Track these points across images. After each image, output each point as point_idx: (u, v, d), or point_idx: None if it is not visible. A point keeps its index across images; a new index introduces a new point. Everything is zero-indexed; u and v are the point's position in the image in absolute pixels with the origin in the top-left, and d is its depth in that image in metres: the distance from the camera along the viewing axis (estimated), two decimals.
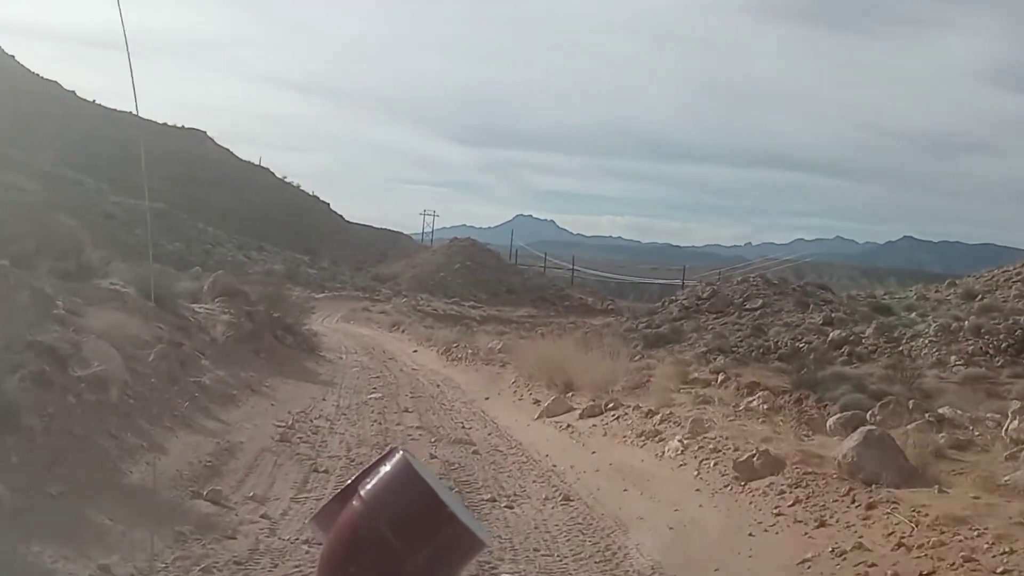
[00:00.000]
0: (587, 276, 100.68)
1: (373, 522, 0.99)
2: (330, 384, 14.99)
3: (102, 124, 74.28)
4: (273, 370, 14.54)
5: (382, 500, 1.01)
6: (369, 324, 40.33)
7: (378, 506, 1.00)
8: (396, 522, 0.99)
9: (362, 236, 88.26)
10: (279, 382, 13.72)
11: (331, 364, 19.43)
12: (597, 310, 73.93)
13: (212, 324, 14.37)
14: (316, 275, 60.87)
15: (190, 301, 16.22)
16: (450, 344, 24.49)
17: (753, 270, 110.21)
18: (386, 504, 1.00)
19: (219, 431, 8.65)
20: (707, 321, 45.72)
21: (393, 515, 0.99)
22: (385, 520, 0.99)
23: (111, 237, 54.40)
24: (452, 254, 75.75)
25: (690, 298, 47.90)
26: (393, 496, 1.01)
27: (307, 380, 14.93)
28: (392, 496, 1.01)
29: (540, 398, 13.36)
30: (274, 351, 16.52)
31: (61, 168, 58.09)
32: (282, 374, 14.57)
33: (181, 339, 12.24)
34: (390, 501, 1.00)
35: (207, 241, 60.63)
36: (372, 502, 1.01)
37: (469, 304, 64.03)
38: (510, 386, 15.29)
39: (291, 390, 13.31)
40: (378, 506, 1.00)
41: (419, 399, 13.90)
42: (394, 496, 1.01)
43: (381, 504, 1.00)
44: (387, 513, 1.00)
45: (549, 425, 10.87)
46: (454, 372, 18.80)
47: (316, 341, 25.83)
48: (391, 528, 0.98)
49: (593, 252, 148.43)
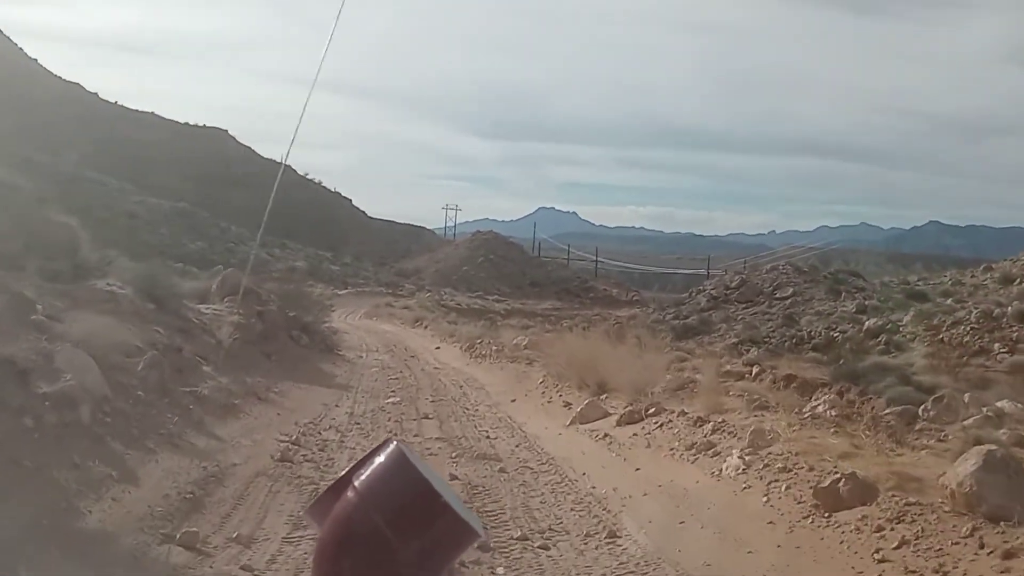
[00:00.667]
0: (611, 267, 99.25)
1: (367, 513, 0.97)
2: (345, 388, 13.86)
3: (124, 125, 73.87)
4: (285, 374, 13.43)
5: (376, 491, 0.98)
6: (392, 320, 39.30)
7: (372, 497, 0.97)
8: (390, 513, 0.96)
9: (385, 231, 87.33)
10: (290, 387, 12.61)
11: (349, 364, 18.34)
12: (622, 301, 72.54)
13: (218, 326, 13.28)
14: (339, 271, 59.99)
15: (197, 301, 15.16)
16: (474, 340, 23.35)
17: (777, 258, 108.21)
18: (380, 495, 0.97)
19: (211, 451, 7.51)
20: (736, 311, 44.20)
21: (387, 506, 0.97)
22: (379, 511, 0.96)
23: (134, 237, 53.98)
24: (475, 248, 74.61)
25: (718, 288, 46.38)
26: (387, 487, 0.98)
27: (321, 384, 13.82)
28: (386, 487, 0.98)
29: (571, 400, 12.15)
30: (287, 353, 15.43)
31: (83, 168, 57.54)
32: (294, 378, 13.46)
33: (181, 343, 11.14)
34: (384, 492, 0.98)
35: (230, 239, 59.90)
36: (366, 493, 0.98)
37: (493, 298, 62.89)
38: (538, 386, 14.09)
39: (302, 396, 12.19)
40: (372, 497, 0.97)
41: (440, 403, 12.73)
42: (388, 487, 0.98)
43: (375, 495, 0.97)
44: (381, 504, 0.97)
45: (583, 434, 9.65)
46: (478, 371, 17.63)
47: (335, 340, 24.79)
48: (385, 519, 0.96)
49: (616, 243, 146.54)
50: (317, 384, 13.67)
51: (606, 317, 54.94)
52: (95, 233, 42.47)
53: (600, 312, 60.60)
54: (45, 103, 69.37)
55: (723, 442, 7.57)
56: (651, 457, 7.97)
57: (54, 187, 53.95)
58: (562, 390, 12.97)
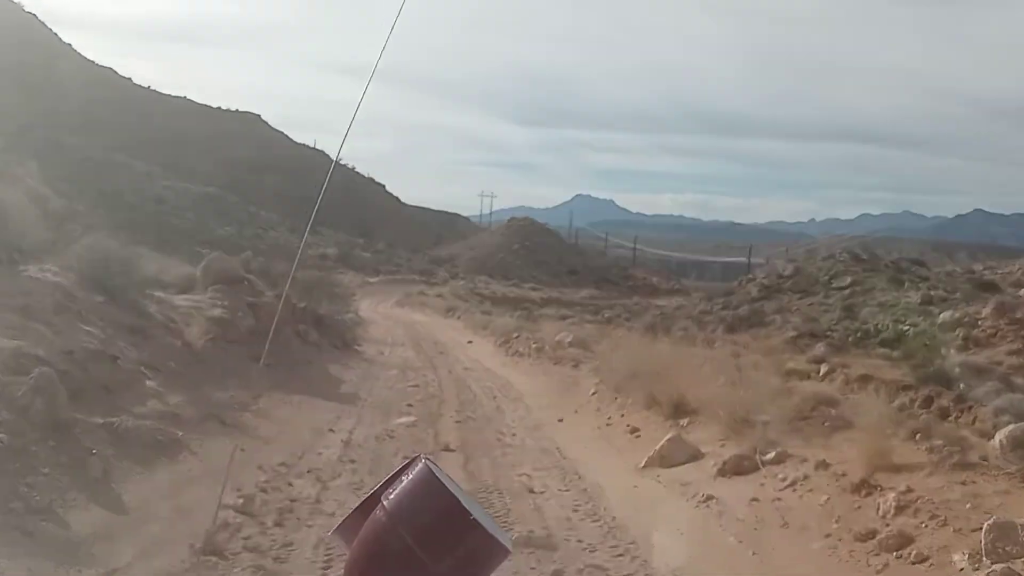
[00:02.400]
0: (648, 256, 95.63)
1: (397, 532, 0.96)
2: (351, 400, 10.90)
3: (157, 110, 71.86)
4: (277, 382, 10.50)
5: (405, 509, 0.97)
6: (423, 309, 36.44)
7: (401, 516, 0.97)
8: (420, 531, 0.95)
9: (419, 218, 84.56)
10: (277, 402, 9.67)
11: (366, 364, 15.41)
12: (662, 290, 69.06)
13: (190, 323, 10.39)
14: (370, 258, 57.33)
15: (176, 291, 12.30)
16: (509, 334, 20.32)
17: (818, 246, 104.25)
18: (409, 513, 0.97)
19: (79, 541, 4.54)
20: (791, 301, 40.66)
21: (417, 524, 0.96)
22: (409, 529, 0.95)
23: (161, 222, 51.75)
24: (511, 235, 71.57)
25: (770, 276, 42.84)
26: (416, 505, 0.97)
27: (321, 394, 10.87)
28: (415, 505, 0.97)
29: (639, 425, 9.06)
30: (288, 353, 12.51)
31: (112, 152, 55.45)
32: (288, 387, 10.53)
33: (122, 349, 8.25)
34: (413, 510, 0.97)
35: (259, 225, 57.51)
36: (395, 512, 0.97)
37: (528, 286, 59.82)
38: (590, 399, 11.01)
39: (289, 415, 9.24)
40: (401, 516, 0.97)
41: (468, 424, 9.72)
42: (417, 505, 0.97)
43: (404, 514, 0.97)
44: (411, 522, 0.96)
45: (670, 489, 6.56)
46: (515, 374, 14.60)
47: (357, 333, 21.87)
48: (415, 537, 0.95)
49: (653, 231, 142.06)
50: (316, 394, 10.72)
51: (647, 307, 51.67)
52: (123, 218, 39.81)
53: (640, 301, 57.25)
54: (78, 88, 67.51)
55: (927, 533, 4.46)
56: (798, 548, 4.87)
57: (83, 171, 51.94)
58: (624, 408, 9.88)
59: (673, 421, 8.60)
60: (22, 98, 59.19)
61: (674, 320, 38.97)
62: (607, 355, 13.73)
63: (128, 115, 68.48)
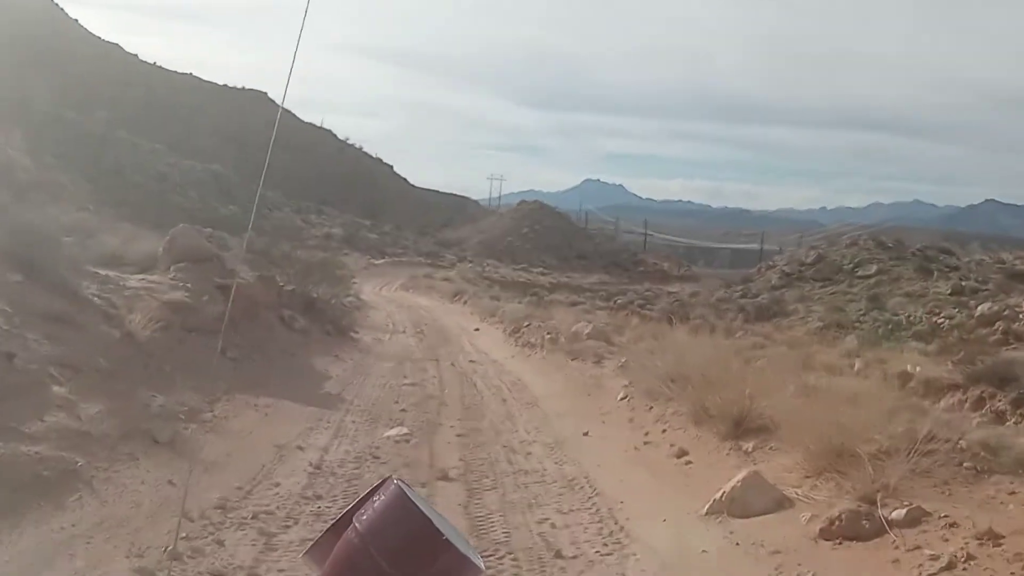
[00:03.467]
0: (658, 241, 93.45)
1: (369, 553, 0.93)
2: (334, 403, 8.97)
3: (163, 86, 69.87)
4: (245, 380, 8.59)
5: (377, 531, 0.95)
6: (429, 293, 34.51)
7: (374, 537, 0.94)
8: (392, 553, 0.93)
9: (427, 200, 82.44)
10: (240, 407, 7.75)
11: (360, 355, 13.49)
12: (673, 276, 66.98)
13: (135, 308, 8.45)
14: (377, 240, 55.42)
15: (136, 271, 10.40)
16: (519, 321, 18.37)
17: (828, 235, 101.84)
18: (382, 535, 0.94)
19: None
20: (813, 290, 38.64)
21: (389, 546, 0.93)
22: (381, 551, 0.93)
23: (163, 199, 49.82)
24: (520, 218, 69.49)
25: (791, 264, 40.84)
26: (389, 526, 0.95)
27: (299, 395, 8.94)
28: (388, 526, 0.95)
29: (686, 444, 7.11)
30: (268, 343, 10.61)
31: (114, 128, 53.51)
32: (259, 386, 8.62)
33: (28, 343, 6.33)
34: (386, 531, 0.95)
35: (265, 204, 55.51)
36: (367, 533, 0.95)
37: (537, 270, 57.91)
38: (618, 405, 9.06)
39: (249, 426, 7.31)
40: (374, 537, 0.94)
41: (471, 439, 7.78)
42: (390, 526, 0.95)
43: (377, 535, 0.94)
44: (383, 544, 0.93)
45: (754, 558, 4.61)
46: (527, 369, 12.66)
47: (355, 318, 19.93)
48: (387, 559, 0.92)
49: (663, 217, 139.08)
50: (292, 396, 8.79)
51: (659, 293, 49.63)
52: (122, 195, 37.88)
53: (652, 287, 55.30)
54: (83, 63, 65.65)
55: None
56: None
57: (82, 147, 50.07)
58: (664, 420, 7.93)
59: (734, 444, 6.64)
60: (25, 72, 57.34)
61: (691, 308, 37.02)
62: (634, 349, 11.77)
63: (133, 91, 66.57)
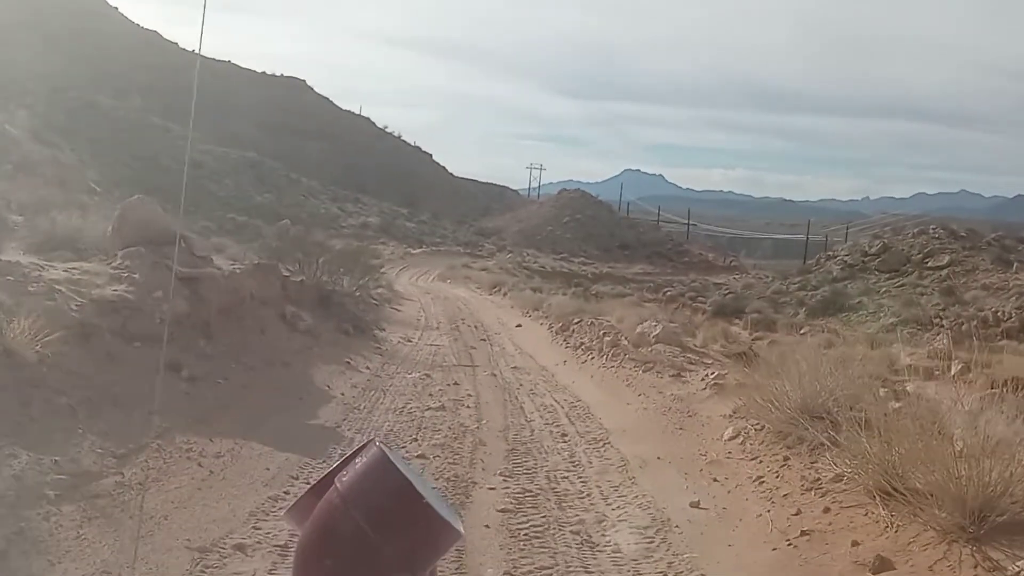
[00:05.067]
0: (699, 232, 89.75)
1: (349, 514, 0.93)
2: (324, 443, 6.28)
3: (201, 73, 67.92)
4: (198, 410, 6.04)
5: (358, 492, 0.94)
6: (467, 284, 31.83)
7: (354, 498, 0.93)
8: (372, 513, 0.92)
9: (465, 189, 79.76)
10: (176, 458, 5.17)
11: (379, 361, 10.88)
12: (719, 267, 63.60)
13: (31, 312, 5.82)
14: (414, 229, 52.91)
15: (74, 257, 7.82)
16: (567, 318, 15.63)
17: (872, 225, 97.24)
18: (362, 495, 0.93)
19: None
20: (878, 282, 35.22)
21: (369, 506, 0.93)
22: (361, 511, 0.92)
23: (197, 187, 47.84)
24: (560, 207, 66.55)
25: (854, 254, 37.38)
26: (369, 487, 0.94)
27: (275, 431, 6.28)
28: (368, 487, 0.94)
29: (882, 545, 4.26)
30: (250, 352, 7.98)
31: (148, 115, 51.73)
32: (217, 419, 6.03)
33: None
34: (366, 492, 0.94)
35: (300, 192, 53.39)
36: (348, 494, 0.94)
37: (579, 260, 55.04)
38: (728, 448, 6.25)
39: (171, 502, 4.67)
40: (354, 498, 0.93)
41: (520, 516, 5.04)
42: (370, 487, 0.94)
43: (357, 496, 0.93)
44: (363, 504, 0.93)
45: None
46: (586, 382, 9.90)
47: (382, 313, 17.33)
48: (367, 519, 0.92)
49: (704, 207, 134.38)
50: (267, 433, 6.14)
51: (706, 284, 46.37)
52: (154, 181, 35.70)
53: (697, 279, 52.09)
54: (121, 50, 64.15)
55: None
56: None
57: (115, 133, 48.20)
58: (822, 486, 5.07)
59: (975, 550, 3.77)
60: (63, 60, 55.82)
61: (745, 301, 33.84)
62: (722, 358, 8.92)
63: (172, 78, 64.77)
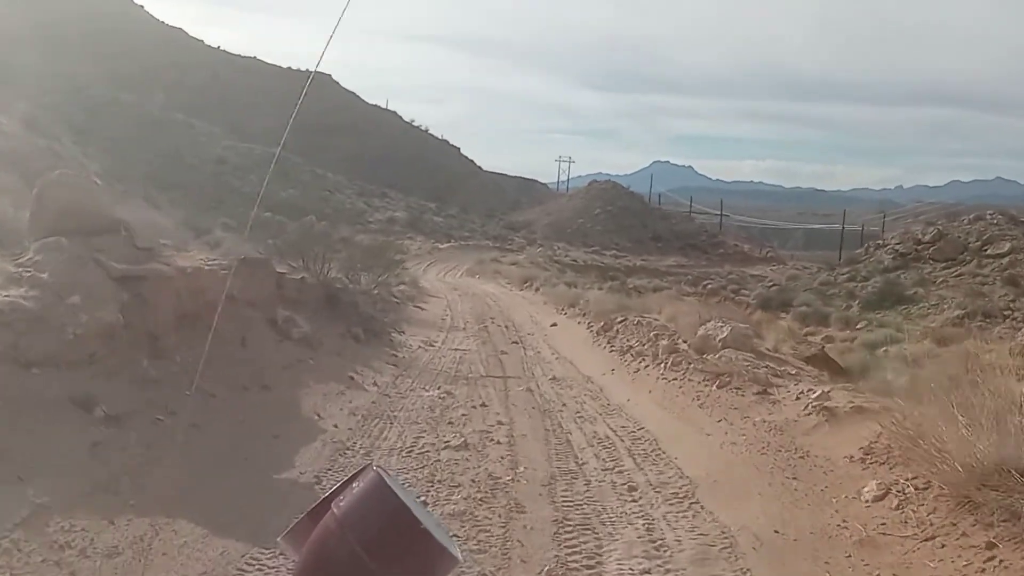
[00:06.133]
0: (731, 222, 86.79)
1: (346, 540, 0.91)
2: (291, 512, 4.30)
3: (226, 70, 66.83)
4: (110, 470, 4.03)
5: (355, 517, 0.92)
6: (496, 279, 29.84)
7: (351, 524, 0.92)
8: (369, 540, 0.91)
9: (494, 183, 77.71)
10: (26, 571, 3.12)
11: (393, 373, 8.93)
12: (755, 258, 60.94)
13: None
14: (442, 223, 51.02)
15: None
16: (609, 316, 13.58)
17: (906, 214, 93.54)
18: (359, 521, 0.92)
19: None
20: (934, 272, 32.66)
21: (366, 533, 0.91)
22: (358, 538, 0.91)
23: (220, 183, 46.39)
24: (591, 199, 64.22)
25: (905, 242, 34.78)
26: (366, 513, 0.92)
27: (226, 494, 4.31)
28: (365, 513, 0.92)
29: None
30: (217, 372, 6.03)
31: (171, 111, 50.35)
32: (130, 484, 4.03)
33: None
34: (363, 518, 0.92)
35: (325, 187, 51.79)
36: (345, 520, 0.92)
37: (611, 253, 52.81)
38: (885, 516, 4.16)
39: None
40: (351, 524, 0.92)
41: None
42: (367, 513, 0.92)
43: (354, 521, 0.92)
44: (360, 531, 0.91)
45: None
46: (645, 402, 7.85)
47: (403, 313, 15.43)
48: (364, 546, 0.90)
49: (734, 198, 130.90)
50: (211, 498, 4.21)
51: (743, 276, 43.90)
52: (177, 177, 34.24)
53: (734, 270, 49.63)
54: (146, 47, 62.99)
55: None
56: None
57: (139, 129, 46.84)
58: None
59: None
60: (87, 59, 54.74)
61: (792, 293, 31.42)
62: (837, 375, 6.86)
63: (197, 75, 63.59)
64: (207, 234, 14.02)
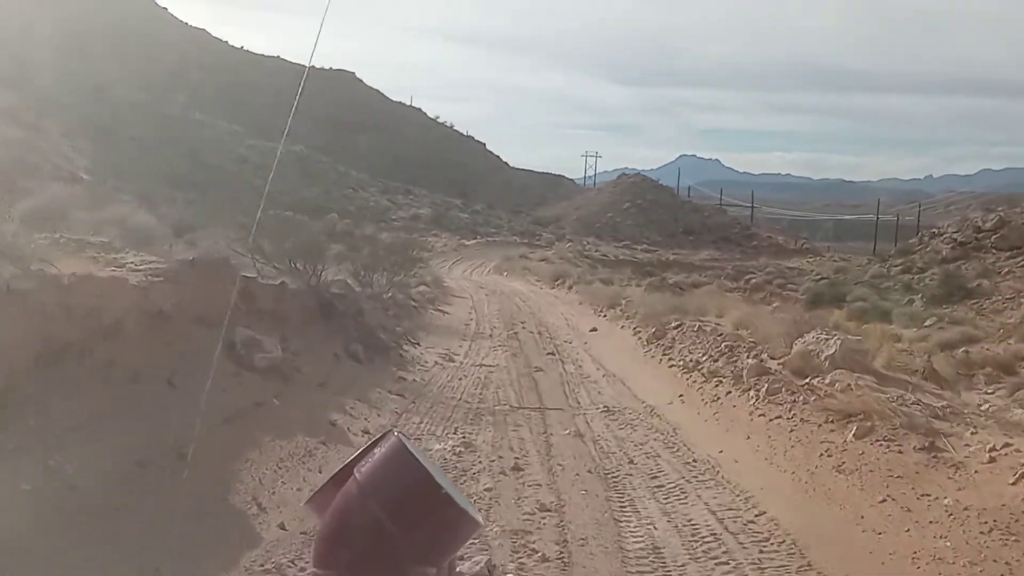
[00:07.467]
0: (761, 215, 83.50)
1: (368, 505, 0.90)
2: None
3: (250, 70, 65.13)
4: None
5: (377, 483, 0.91)
6: (525, 276, 27.41)
7: (373, 489, 0.90)
8: (391, 504, 0.89)
9: (520, 179, 75.26)
10: None
11: (395, 408, 6.52)
12: (791, 250, 57.91)
13: None
14: (468, 220, 48.66)
15: None
16: (660, 320, 11.14)
17: (935, 204, 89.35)
18: (381, 486, 0.90)
19: None
20: (998, 262, 29.68)
21: (388, 498, 0.90)
22: (380, 502, 0.89)
23: (242, 182, 44.39)
24: (620, 192, 61.54)
25: (964, 230, 31.86)
26: (388, 478, 0.91)
27: None
28: (387, 478, 0.91)
29: None
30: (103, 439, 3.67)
31: (191, 111, 48.58)
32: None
33: None
34: (385, 483, 0.91)
35: (349, 185, 49.70)
36: (367, 485, 0.91)
37: (642, 247, 50.16)
38: None
39: None
40: (373, 489, 0.90)
41: None
42: (389, 478, 0.91)
43: (376, 487, 0.90)
44: (382, 495, 0.90)
45: None
46: (741, 450, 5.47)
47: (419, 320, 13.11)
48: (386, 510, 0.89)
49: (762, 190, 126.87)
50: None
51: (780, 269, 41.05)
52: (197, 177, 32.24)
53: (769, 263, 46.75)
54: (168, 48, 61.41)
55: None
56: None
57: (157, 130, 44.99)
58: None
59: None
60: (113, 59, 53.24)
61: (842, 287, 28.62)
62: None
63: (221, 76, 61.90)
64: (190, 232, 11.73)
